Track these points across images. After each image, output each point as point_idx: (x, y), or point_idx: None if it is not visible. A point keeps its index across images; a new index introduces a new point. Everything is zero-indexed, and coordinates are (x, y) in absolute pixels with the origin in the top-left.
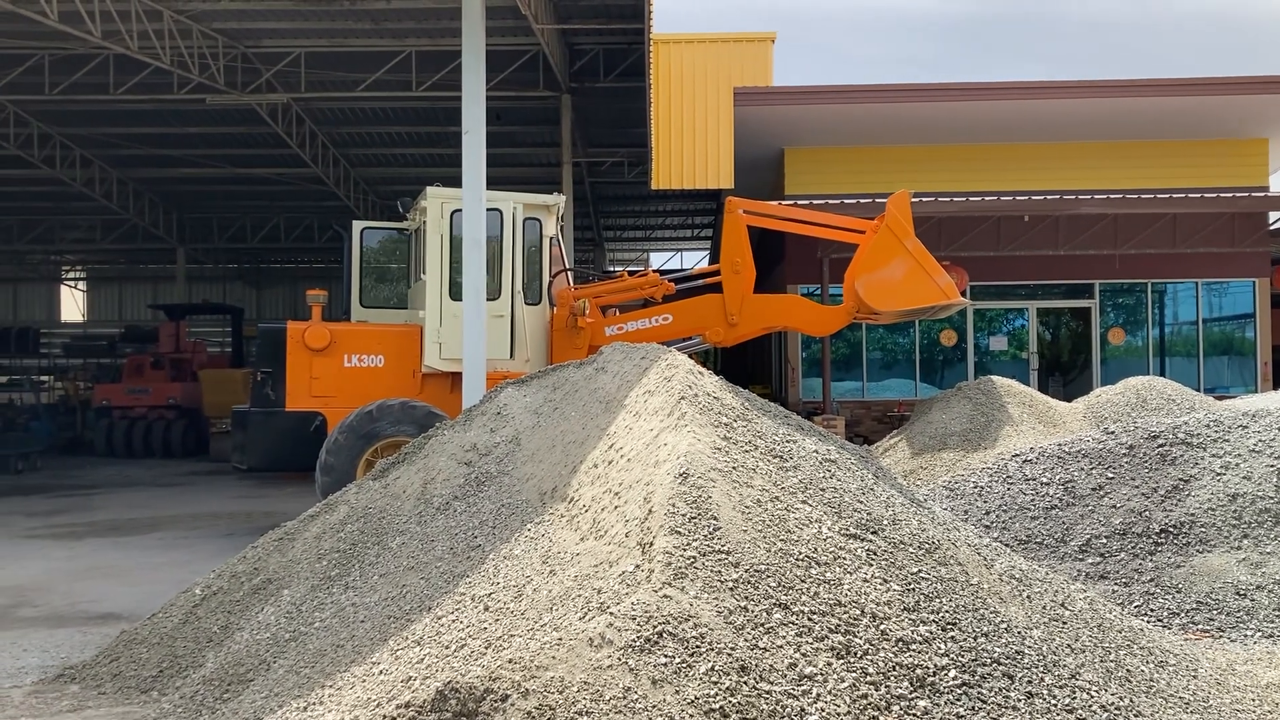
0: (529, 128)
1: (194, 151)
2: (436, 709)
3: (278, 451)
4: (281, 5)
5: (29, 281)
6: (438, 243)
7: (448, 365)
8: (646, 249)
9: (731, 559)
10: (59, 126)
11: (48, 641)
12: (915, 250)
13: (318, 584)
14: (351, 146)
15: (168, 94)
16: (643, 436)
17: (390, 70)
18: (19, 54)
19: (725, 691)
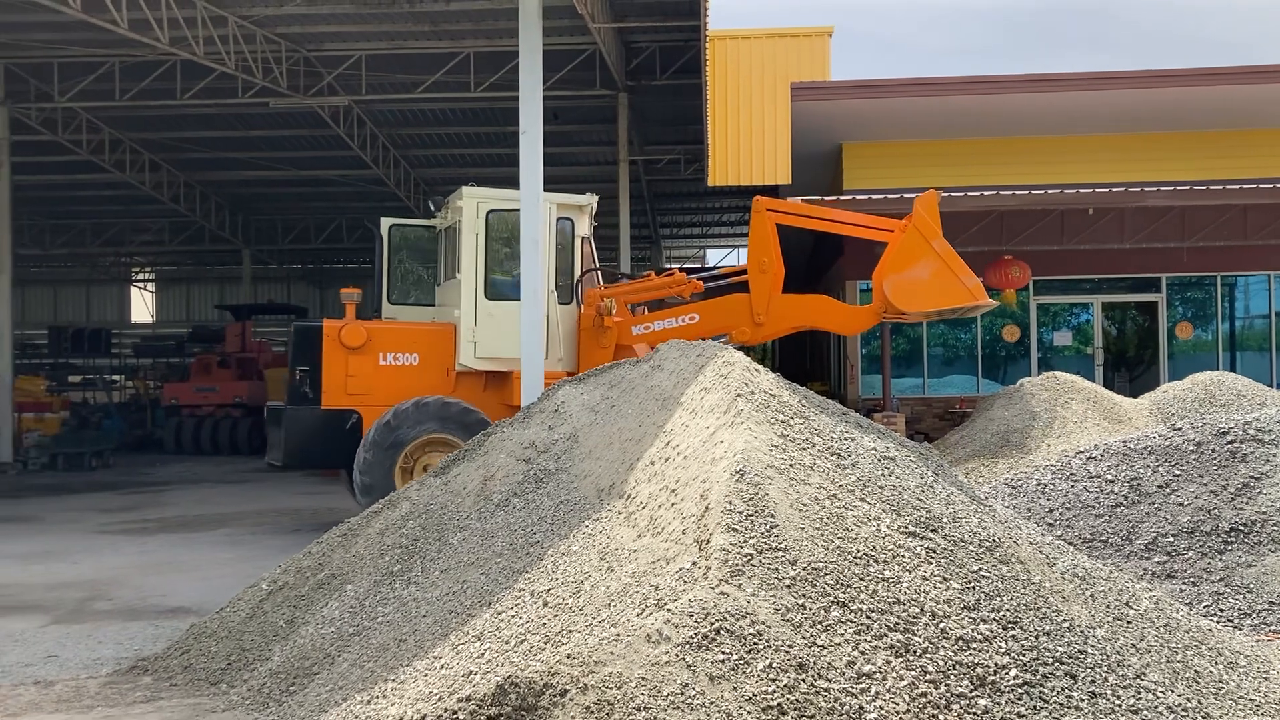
0: (585, 127)
1: (258, 154)
2: (497, 703)
3: (313, 449)
4: (343, 9)
5: (101, 283)
6: (473, 242)
7: (482, 364)
8: (703, 246)
9: (789, 556)
10: (129, 132)
11: (121, 634)
12: (943, 251)
13: (380, 579)
14: (411, 148)
15: (232, 98)
16: (699, 434)
17: (449, 72)
18: (91, 62)
19: (783, 689)
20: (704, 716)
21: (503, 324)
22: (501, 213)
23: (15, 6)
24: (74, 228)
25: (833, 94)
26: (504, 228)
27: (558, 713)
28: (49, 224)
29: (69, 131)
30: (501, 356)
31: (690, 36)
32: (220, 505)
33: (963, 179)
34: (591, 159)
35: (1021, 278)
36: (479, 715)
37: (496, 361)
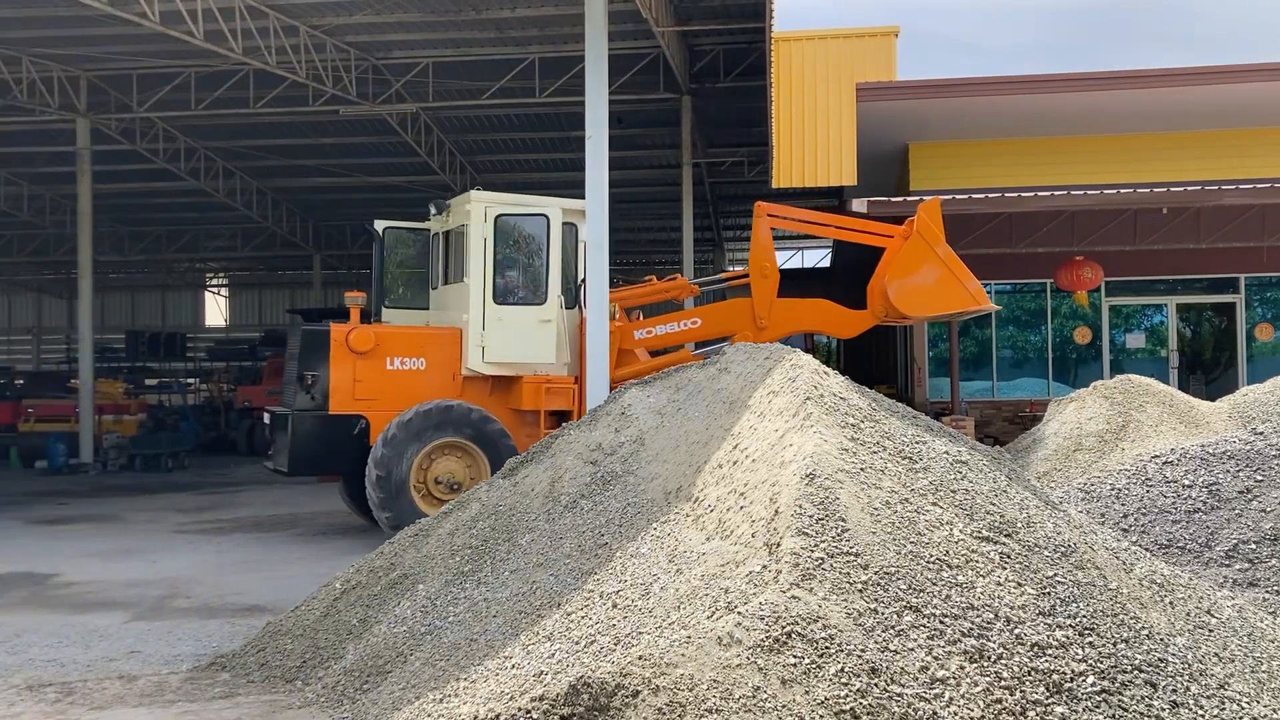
0: (649, 130)
1: (328, 161)
2: (569, 703)
3: (319, 455)
4: (411, 18)
5: (176, 289)
6: (481, 247)
7: (491, 368)
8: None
9: (860, 561)
10: (203, 140)
11: (200, 631)
12: (946, 256)
13: (451, 579)
14: (477, 153)
15: (304, 106)
16: (767, 437)
17: (514, 77)
18: (168, 72)
19: (856, 693)
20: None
21: (511, 328)
22: (510, 217)
23: (97, 20)
24: (150, 235)
25: (899, 94)
26: (512, 232)
27: (630, 713)
28: (127, 231)
29: (146, 141)
30: (510, 361)
31: (754, 38)
32: (292, 506)
33: (1032, 179)
34: (654, 162)
35: (1093, 279)
36: (552, 714)
37: (505, 366)
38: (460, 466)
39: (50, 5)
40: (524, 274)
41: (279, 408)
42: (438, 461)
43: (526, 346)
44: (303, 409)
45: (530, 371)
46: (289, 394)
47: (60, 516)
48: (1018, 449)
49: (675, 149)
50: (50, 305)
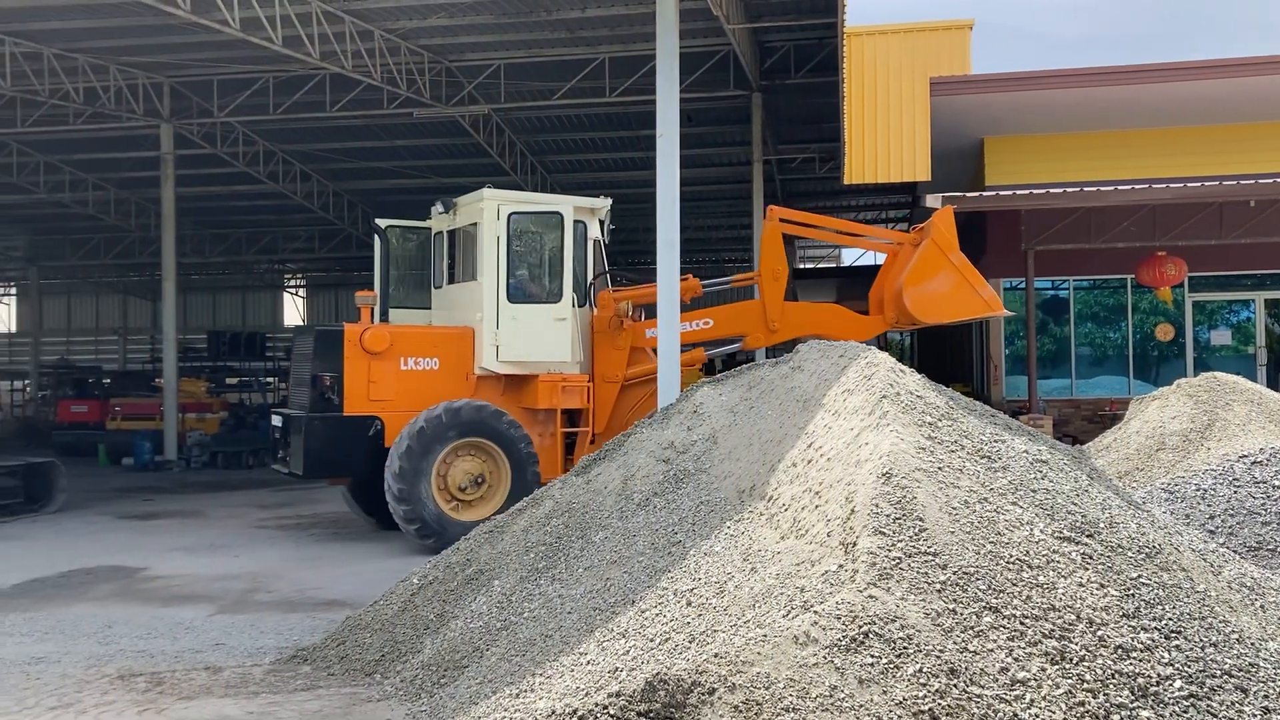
0: (719, 128)
1: (402, 163)
2: (646, 699)
3: (334, 457)
4: (483, 20)
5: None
6: (494, 245)
7: (506, 367)
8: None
9: (938, 560)
10: (281, 144)
11: (281, 624)
12: (960, 264)
13: (526, 575)
14: (547, 153)
15: (378, 109)
16: (843, 435)
17: (584, 77)
18: (247, 78)
19: (934, 694)
20: (854, 719)
21: (526, 327)
22: (523, 215)
23: (180, 29)
24: (231, 237)
25: (974, 88)
26: (525, 231)
27: (706, 711)
28: (208, 233)
29: (227, 145)
30: (525, 359)
31: (826, 34)
32: None
33: (1112, 172)
34: (725, 160)
35: (1176, 274)
36: (629, 711)
37: (519, 365)
38: (478, 464)
39: (136, 14)
40: (538, 272)
41: (291, 410)
42: (455, 465)
43: (541, 345)
44: (317, 411)
45: (544, 370)
46: (301, 396)
47: (147, 512)
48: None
49: (745, 146)
50: (135, 306)
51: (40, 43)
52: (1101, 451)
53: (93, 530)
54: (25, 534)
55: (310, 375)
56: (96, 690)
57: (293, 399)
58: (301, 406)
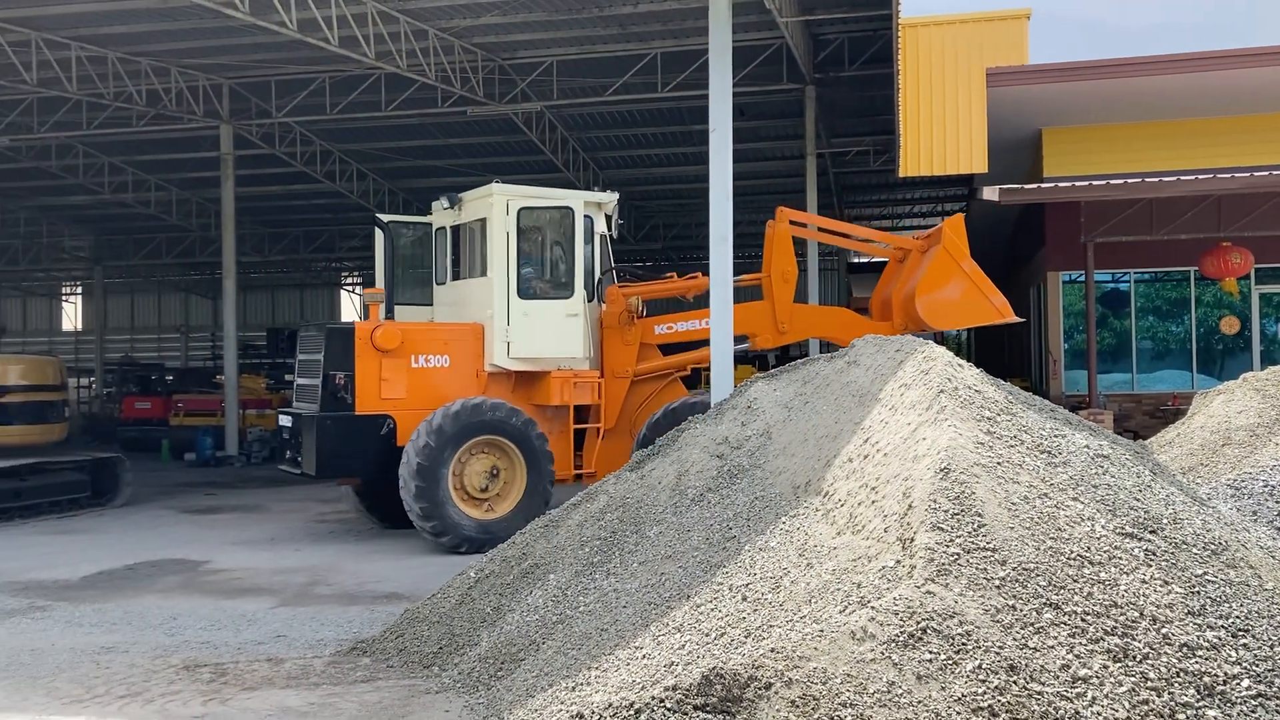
0: (772, 122)
1: (456, 161)
2: (702, 693)
3: (346, 457)
4: (536, 17)
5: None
6: (503, 240)
7: (517, 364)
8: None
9: (997, 556)
10: (338, 143)
11: (341, 617)
12: (972, 271)
13: (581, 569)
14: (600, 150)
15: (432, 108)
16: (899, 431)
17: (636, 73)
18: (304, 79)
19: (994, 690)
20: (911, 715)
21: (537, 323)
22: (533, 210)
23: (239, 30)
24: (289, 235)
25: (1031, 78)
26: (535, 226)
27: (763, 705)
28: (267, 232)
29: (285, 145)
30: (536, 356)
31: (881, 25)
32: None
33: (1174, 162)
34: (778, 154)
35: (1242, 265)
36: (685, 704)
37: (531, 361)
38: (493, 463)
39: (197, 18)
40: (549, 268)
41: (301, 409)
42: (469, 464)
43: (554, 341)
44: (329, 410)
45: (555, 366)
46: (310, 395)
47: (209, 506)
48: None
49: (799, 140)
50: (196, 304)
51: (105, 47)
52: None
53: (157, 524)
54: (92, 527)
55: (321, 374)
56: (163, 680)
57: (300, 398)
58: (311, 406)
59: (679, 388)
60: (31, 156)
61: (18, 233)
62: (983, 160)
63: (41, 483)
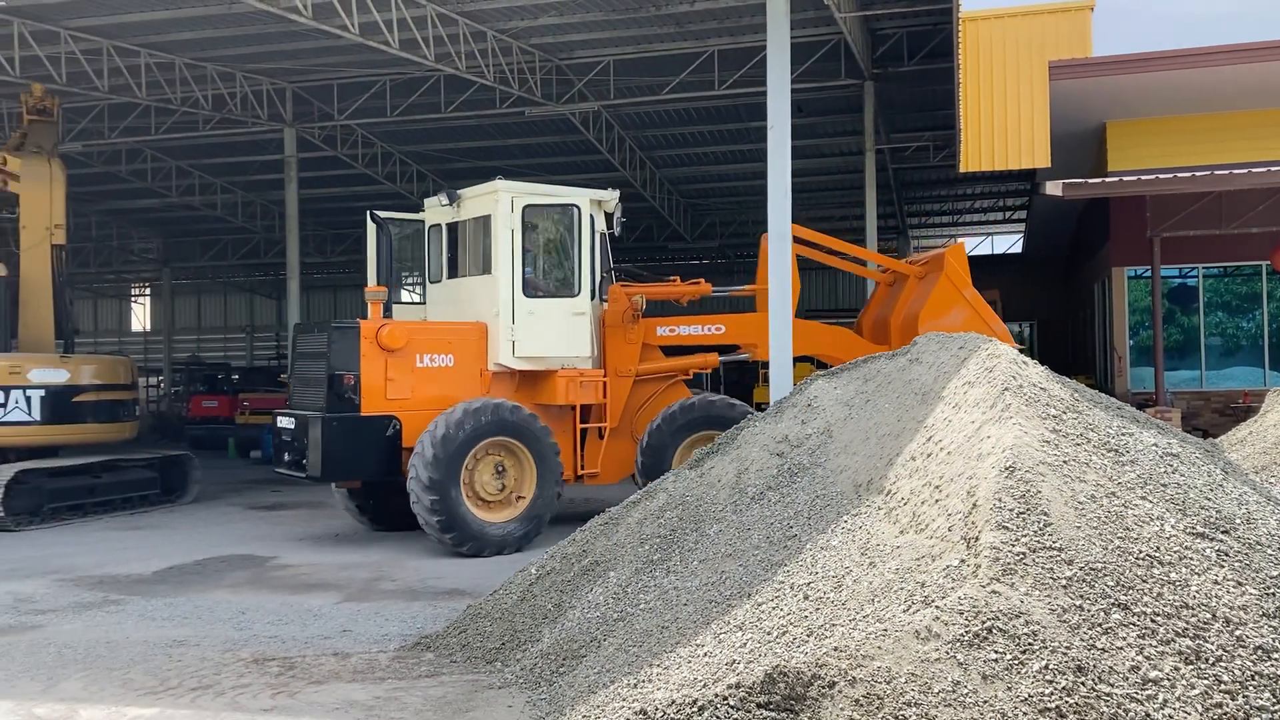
0: (829, 118)
1: (513, 162)
2: (765, 691)
3: (352, 459)
4: (593, 17)
5: None
6: (508, 238)
7: (523, 363)
8: (953, 234)
9: (1064, 556)
10: (398, 145)
11: (404, 613)
12: (973, 299)
13: (641, 567)
14: (656, 148)
15: (491, 109)
16: (963, 429)
17: (693, 71)
18: (365, 82)
19: (1061, 691)
20: (977, 715)
21: (542, 322)
22: (538, 207)
23: (302, 35)
24: (351, 236)
25: (1095, 71)
26: (540, 223)
27: (826, 704)
28: (329, 233)
29: (346, 147)
30: (542, 355)
31: (940, 19)
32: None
33: (1244, 154)
34: (836, 150)
35: None
36: (748, 703)
37: (537, 361)
38: (499, 461)
39: (261, 23)
40: (554, 266)
41: (303, 410)
42: (478, 466)
43: (560, 340)
44: (334, 411)
45: (560, 365)
46: (310, 396)
47: (275, 503)
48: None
49: (857, 136)
50: (261, 305)
51: (172, 53)
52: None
53: (225, 520)
54: (162, 523)
55: (326, 374)
56: (233, 673)
57: (298, 399)
58: (313, 407)
59: (682, 390)
60: (102, 162)
61: (89, 236)
62: (1045, 155)
63: (113, 480)
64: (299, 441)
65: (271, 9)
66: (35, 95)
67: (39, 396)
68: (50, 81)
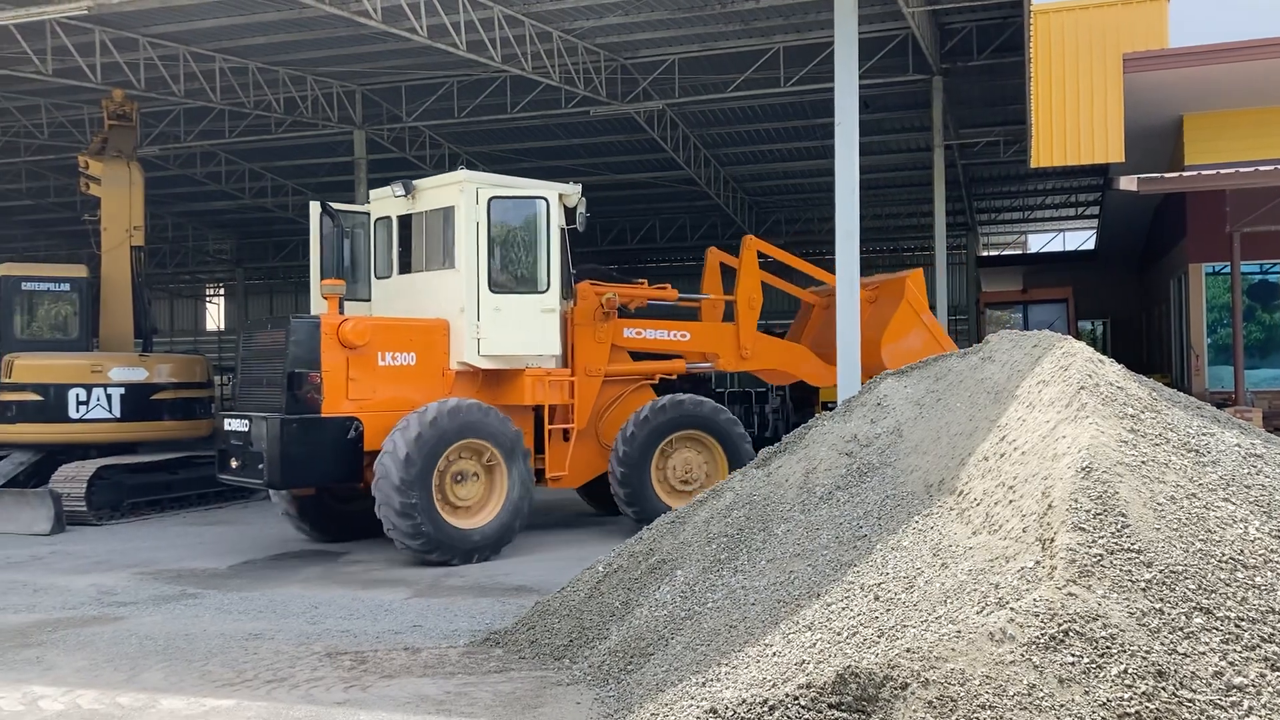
0: (897, 114)
1: (579, 161)
2: (837, 691)
3: (313, 464)
4: (658, 16)
5: None
6: (473, 231)
7: (488, 362)
8: (1024, 231)
9: (1143, 558)
10: (465, 146)
11: (473, 609)
12: (930, 323)
13: (708, 566)
14: (721, 146)
15: (556, 109)
16: (1038, 428)
17: (758, 69)
18: (433, 83)
19: (1141, 696)
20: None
21: (510, 318)
22: (504, 200)
23: (371, 38)
24: None
25: (1171, 62)
26: (507, 216)
27: (899, 705)
28: None
29: (415, 149)
30: (509, 354)
31: (1010, 13)
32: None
33: None
34: (903, 146)
35: None
36: (820, 703)
37: (503, 359)
38: (472, 468)
39: (331, 27)
40: (521, 261)
41: (257, 412)
42: (449, 470)
43: (528, 338)
44: (293, 412)
45: (526, 364)
46: (262, 396)
47: None
48: None
49: (925, 132)
50: None
51: (246, 58)
52: None
53: None
54: (237, 519)
55: (285, 372)
56: (307, 666)
57: (248, 400)
58: (266, 408)
59: (648, 394)
60: (178, 165)
61: (165, 238)
62: (1119, 149)
63: (190, 476)
64: (251, 446)
65: (342, 13)
66: (115, 101)
67: (119, 394)
68: (130, 87)
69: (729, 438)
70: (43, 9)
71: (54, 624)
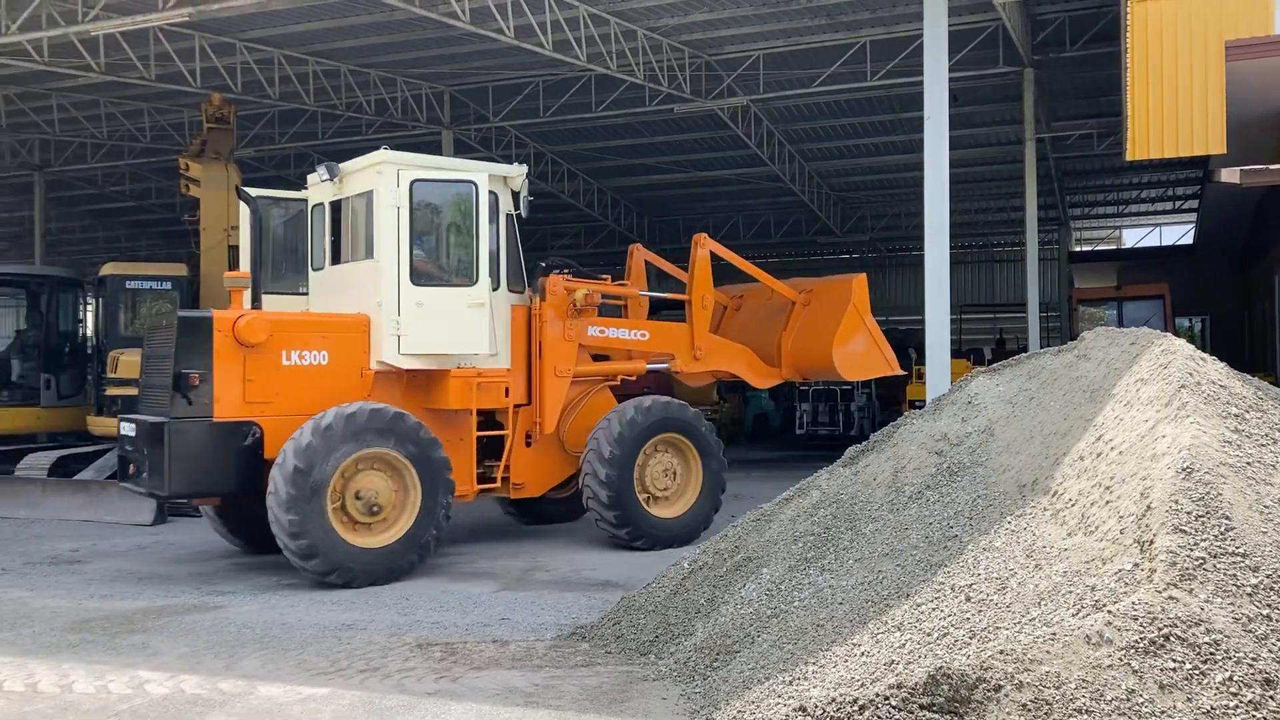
0: (987, 107)
1: (662, 159)
2: (928, 692)
3: (204, 472)
4: (743, 12)
5: None
6: (394, 218)
7: (410, 361)
8: (1118, 225)
9: (1249, 562)
10: (550, 145)
11: (559, 603)
12: (872, 328)
13: (795, 564)
14: (806, 142)
15: (640, 107)
16: (1136, 428)
17: (844, 63)
18: (519, 83)
19: (1247, 705)
20: None
21: (435, 314)
22: (429, 183)
23: (459, 39)
24: None
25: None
26: (431, 201)
27: (991, 708)
28: None
29: (501, 148)
30: (433, 352)
31: (1106, 3)
32: None
33: None
34: (993, 140)
35: None
36: (911, 703)
37: (427, 358)
38: (380, 481)
39: (421, 29)
40: (447, 250)
41: (147, 415)
42: (351, 483)
43: (454, 334)
44: (181, 416)
45: (456, 364)
46: (159, 399)
47: None
48: None
49: (1016, 125)
50: None
51: (338, 60)
52: None
53: None
54: None
55: (173, 372)
56: (398, 657)
57: (147, 402)
58: (161, 411)
59: (608, 395)
60: (273, 166)
61: None
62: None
63: None
64: (143, 451)
65: (431, 14)
66: (214, 104)
67: None
68: (227, 91)
69: (706, 445)
70: (147, 16)
71: (158, 611)
